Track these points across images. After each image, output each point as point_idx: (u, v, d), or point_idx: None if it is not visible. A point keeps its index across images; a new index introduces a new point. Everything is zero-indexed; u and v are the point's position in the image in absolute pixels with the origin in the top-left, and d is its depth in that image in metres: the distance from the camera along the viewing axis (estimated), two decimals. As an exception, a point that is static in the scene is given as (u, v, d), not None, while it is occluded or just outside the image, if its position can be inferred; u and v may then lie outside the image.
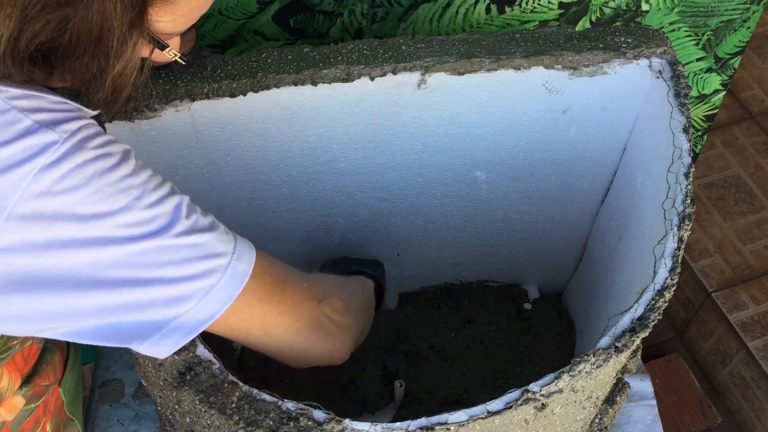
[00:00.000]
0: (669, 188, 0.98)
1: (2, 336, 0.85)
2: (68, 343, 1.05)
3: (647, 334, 0.86)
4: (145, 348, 0.75)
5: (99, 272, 0.69)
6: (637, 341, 0.86)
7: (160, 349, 0.75)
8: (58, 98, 0.71)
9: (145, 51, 0.72)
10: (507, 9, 1.28)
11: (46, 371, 0.97)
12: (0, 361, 0.88)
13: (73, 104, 0.72)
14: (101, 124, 0.97)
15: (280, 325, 0.82)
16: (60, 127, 0.68)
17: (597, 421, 1.03)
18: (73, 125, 0.69)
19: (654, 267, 0.91)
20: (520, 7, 1.28)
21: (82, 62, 0.68)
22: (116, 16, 0.65)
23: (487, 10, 1.27)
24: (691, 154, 0.98)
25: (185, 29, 0.74)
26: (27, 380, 0.94)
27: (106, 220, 0.68)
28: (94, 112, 0.75)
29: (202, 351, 0.83)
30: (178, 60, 0.77)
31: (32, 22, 0.64)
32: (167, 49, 0.73)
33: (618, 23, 1.35)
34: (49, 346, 0.98)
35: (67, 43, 0.66)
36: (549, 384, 0.81)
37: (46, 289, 0.68)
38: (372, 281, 1.18)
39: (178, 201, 0.73)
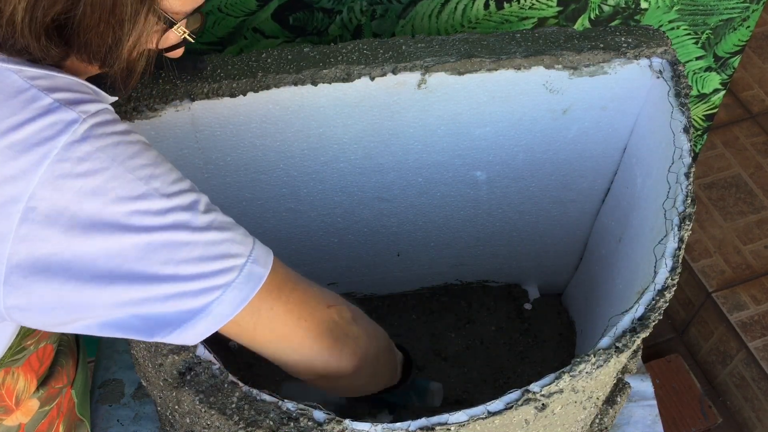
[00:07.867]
0: (669, 188, 0.98)
1: (17, 335, 0.85)
2: (77, 344, 1.05)
3: (647, 334, 0.86)
4: (158, 340, 0.74)
5: (117, 265, 0.69)
6: (638, 341, 0.86)
7: (183, 338, 0.74)
8: (75, 80, 0.72)
9: (156, 28, 0.73)
10: (506, 5, 1.28)
11: (61, 374, 0.97)
12: (15, 363, 0.88)
13: (89, 86, 0.73)
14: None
15: (288, 322, 0.81)
16: (79, 107, 0.69)
17: (597, 421, 1.03)
18: (92, 107, 0.70)
19: (654, 267, 0.91)
20: (519, 3, 1.28)
21: (98, 32, 0.69)
22: None
23: (486, 5, 1.27)
24: (692, 154, 0.98)
25: (192, 9, 0.75)
26: (42, 383, 0.94)
27: (125, 205, 0.68)
28: (112, 99, 0.76)
29: (202, 351, 0.83)
30: (187, 38, 0.78)
31: None
32: (176, 26, 0.74)
33: (617, 21, 1.35)
34: (62, 348, 0.98)
35: (82, 13, 0.67)
36: (549, 384, 0.81)
37: (66, 279, 0.68)
38: (401, 353, 1.12)
39: (196, 197, 0.73)
